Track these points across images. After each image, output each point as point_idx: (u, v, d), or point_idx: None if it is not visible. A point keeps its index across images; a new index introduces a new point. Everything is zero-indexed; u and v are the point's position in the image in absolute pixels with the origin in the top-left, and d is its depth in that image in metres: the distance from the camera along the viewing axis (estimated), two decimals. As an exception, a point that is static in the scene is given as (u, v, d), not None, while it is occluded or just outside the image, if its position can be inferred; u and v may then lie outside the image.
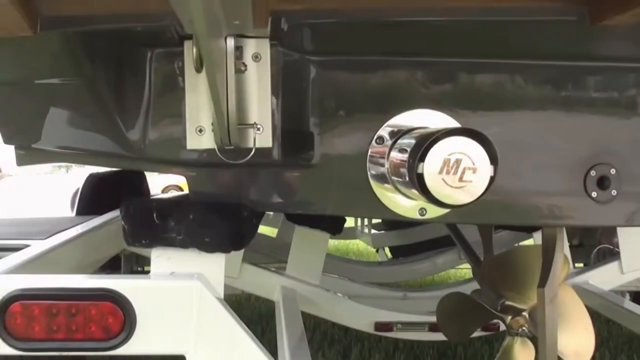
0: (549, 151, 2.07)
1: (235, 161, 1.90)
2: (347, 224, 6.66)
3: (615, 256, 4.08)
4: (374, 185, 2.02)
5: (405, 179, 1.72)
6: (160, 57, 1.98)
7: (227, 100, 1.65)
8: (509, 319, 2.69)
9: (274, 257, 4.91)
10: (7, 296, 1.84)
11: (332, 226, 4.02)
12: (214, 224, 1.98)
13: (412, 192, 1.73)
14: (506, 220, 2.34)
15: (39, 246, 2.67)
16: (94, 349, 1.88)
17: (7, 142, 2.24)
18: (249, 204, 2.05)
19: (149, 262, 2.07)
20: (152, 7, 1.76)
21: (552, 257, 2.31)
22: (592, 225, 3.78)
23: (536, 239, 4.21)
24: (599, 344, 4.82)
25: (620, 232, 4.01)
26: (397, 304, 4.26)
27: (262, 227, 6.63)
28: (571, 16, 1.80)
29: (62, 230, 3.03)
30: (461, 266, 5.66)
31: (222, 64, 1.63)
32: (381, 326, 3.89)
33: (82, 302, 1.86)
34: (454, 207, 1.68)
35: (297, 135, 2.02)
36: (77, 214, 4.53)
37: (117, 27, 1.85)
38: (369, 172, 2.02)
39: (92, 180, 4.83)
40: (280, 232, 5.58)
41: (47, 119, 2.16)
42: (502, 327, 2.78)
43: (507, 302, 2.70)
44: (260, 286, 3.81)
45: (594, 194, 2.05)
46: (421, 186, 1.64)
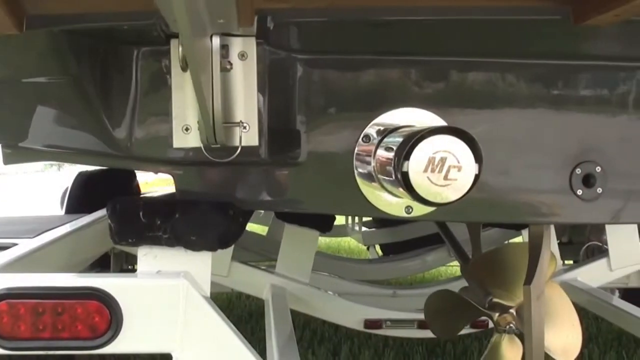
0: (534, 149, 2.07)
1: (221, 160, 1.90)
2: (337, 222, 6.68)
3: (604, 253, 4.09)
4: (361, 183, 2.03)
5: (391, 177, 1.73)
6: (146, 55, 1.98)
7: (212, 98, 1.65)
8: (496, 316, 2.70)
9: (265, 255, 4.91)
10: None
11: (322, 224, 4.01)
12: (200, 222, 1.98)
13: (398, 190, 1.74)
14: (492, 218, 2.35)
15: (27, 245, 2.66)
16: (80, 348, 1.88)
17: (-6, 141, 2.24)
18: (236, 203, 2.05)
19: None
20: (138, 6, 1.76)
21: (539, 254, 2.31)
22: (578, 222, 3.81)
23: (525, 237, 4.21)
24: (588, 341, 4.84)
25: (608, 229, 4.02)
26: (387, 301, 4.26)
27: (253, 225, 6.67)
28: (555, 15, 1.81)
29: (51, 228, 3.03)
30: (451, 264, 5.67)
31: (207, 62, 1.64)
32: (370, 323, 3.88)
33: (68, 301, 1.85)
34: (439, 205, 1.69)
35: (283, 133, 2.02)
36: (66, 212, 4.53)
37: (103, 26, 1.86)
38: (356, 170, 2.02)
39: (81, 178, 4.83)
40: (270, 230, 5.59)
41: (34, 118, 2.16)
42: (492, 324, 2.79)
43: (495, 300, 2.71)
44: (249, 284, 3.81)
45: (580, 192, 2.07)
46: (406, 184, 1.65)
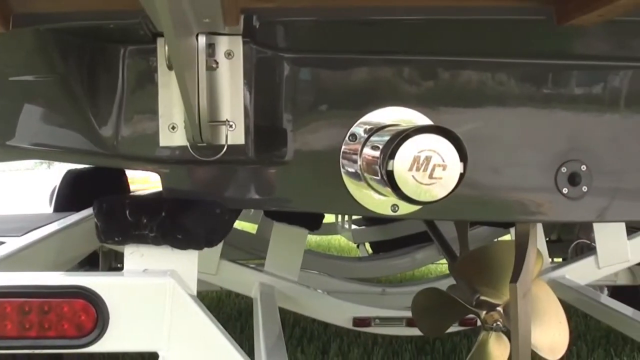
0: (520, 148, 2.08)
1: (207, 158, 1.90)
2: (327, 220, 6.68)
3: (592, 251, 4.10)
4: (347, 181, 2.03)
5: (377, 175, 1.74)
6: (133, 54, 1.98)
7: (198, 97, 1.66)
8: (483, 313, 2.71)
9: (254, 253, 4.91)
10: None
11: (311, 222, 4.02)
12: (186, 221, 1.98)
13: (384, 188, 1.75)
14: (478, 216, 2.37)
15: (14, 243, 2.66)
16: (66, 347, 1.88)
17: (-19, 139, 2.23)
18: (223, 201, 2.05)
19: None
20: (124, 5, 1.76)
21: (525, 252, 2.32)
22: (564, 221, 3.82)
23: (513, 235, 4.22)
24: (576, 338, 4.86)
25: (596, 227, 4.03)
26: (376, 299, 4.27)
27: (242, 223, 6.67)
28: (539, 16, 1.82)
29: (38, 227, 3.02)
30: (441, 262, 5.68)
31: (193, 61, 1.64)
32: (359, 321, 3.89)
33: (55, 300, 1.85)
34: (424, 203, 1.70)
35: (270, 132, 2.03)
36: (54, 210, 4.52)
37: (89, 24, 1.86)
38: (342, 169, 2.03)
39: (69, 176, 4.82)
40: (260, 228, 5.59)
41: (21, 116, 2.15)
42: (480, 322, 2.79)
43: (482, 297, 2.71)
44: (238, 283, 3.81)
45: (565, 190, 2.08)
46: (391, 183, 1.66)
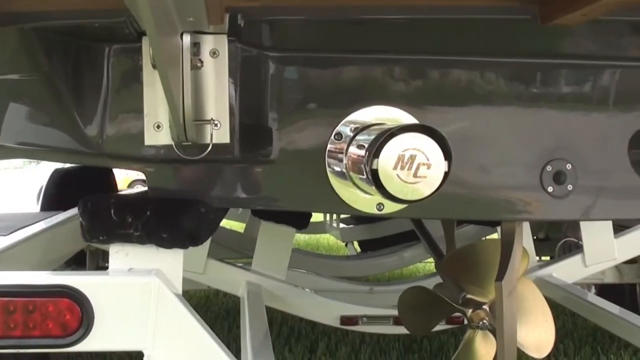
0: (505, 147, 2.09)
1: (192, 157, 1.90)
2: (316, 219, 6.69)
3: (579, 249, 4.12)
4: (333, 180, 2.03)
5: (362, 174, 1.74)
6: (118, 53, 1.98)
7: (182, 96, 1.65)
8: (469, 312, 2.71)
9: (242, 252, 4.90)
10: None
11: (298, 221, 4.02)
12: (171, 220, 1.98)
13: (369, 187, 1.75)
14: (464, 215, 2.37)
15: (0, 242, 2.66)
16: (51, 346, 1.88)
17: (-34, 138, 2.22)
18: (208, 200, 2.05)
19: None
20: (108, 4, 1.76)
21: (511, 251, 2.33)
22: (549, 219, 3.83)
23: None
24: (564, 336, 4.88)
25: (583, 225, 4.04)
26: (363, 297, 4.27)
27: (231, 222, 6.66)
28: (523, 15, 1.83)
29: (24, 226, 3.01)
30: (429, 260, 5.69)
31: (177, 60, 1.63)
32: (347, 320, 3.89)
33: (39, 299, 1.85)
34: (408, 202, 1.70)
35: (255, 131, 2.03)
36: (41, 209, 4.51)
37: (74, 23, 1.85)
38: (328, 168, 2.03)
39: (56, 175, 4.81)
40: (247, 227, 5.58)
41: (6, 115, 2.15)
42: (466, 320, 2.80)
43: (468, 296, 2.72)
44: (225, 282, 3.80)
45: (550, 189, 2.08)
46: (376, 181, 1.66)
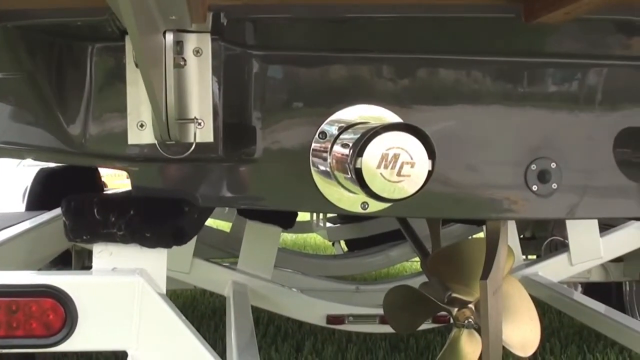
0: (490, 146, 2.09)
1: (176, 156, 1.89)
2: (303, 218, 6.68)
3: (565, 248, 4.13)
4: (317, 179, 2.03)
5: (346, 173, 1.74)
6: (101, 51, 1.97)
7: (165, 95, 1.65)
8: (455, 311, 2.72)
9: (229, 252, 4.89)
10: None
11: (284, 220, 4.02)
12: (155, 219, 1.97)
13: (353, 186, 1.75)
14: (449, 214, 2.37)
15: None
16: (34, 346, 1.87)
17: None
18: (192, 199, 2.04)
19: None
20: (91, 2, 1.75)
21: (496, 249, 2.33)
22: (534, 218, 3.85)
23: (487, 232, 4.23)
24: (550, 335, 4.89)
25: (568, 224, 4.05)
26: (350, 296, 4.27)
27: (218, 222, 6.65)
28: (507, 14, 1.83)
29: (9, 226, 3.00)
30: (416, 259, 5.69)
31: (159, 59, 1.63)
32: (333, 319, 3.89)
33: (23, 299, 1.84)
34: (392, 201, 1.70)
35: (239, 130, 2.02)
36: (26, 209, 4.49)
37: (56, 22, 1.85)
38: (312, 167, 2.02)
39: (41, 175, 4.79)
40: (234, 226, 5.56)
41: None
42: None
43: (454, 295, 2.72)
44: (211, 281, 3.80)
45: (535, 188, 2.08)
46: (360, 180, 1.65)
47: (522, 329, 2.71)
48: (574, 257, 4.05)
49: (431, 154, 1.66)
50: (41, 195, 4.62)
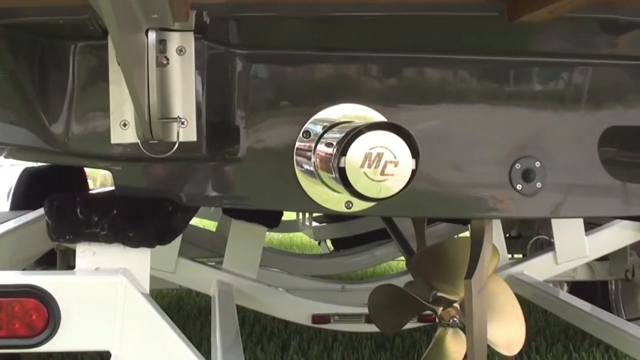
0: (474, 145, 2.09)
1: (159, 155, 1.89)
2: (289, 217, 6.68)
3: (551, 247, 4.15)
4: (301, 178, 2.02)
5: (330, 172, 1.73)
6: (83, 50, 1.96)
7: (147, 94, 1.64)
8: (440, 310, 2.72)
9: (214, 251, 4.88)
10: None
11: (270, 220, 4.02)
12: (138, 218, 1.96)
13: (337, 185, 1.74)
14: (433, 213, 2.37)
15: None
16: (17, 347, 1.86)
17: None
18: (175, 199, 2.03)
19: None
20: (73, 0, 1.74)
21: (481, 248, 2.33)
22: (518, 217, 3.85)
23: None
24: (536, 333, 4.91)
25: (554, 223, 4.07)
26: (335, 296, 4.27)
27: (204, 221, 6.64)
28: (491, 12, 1.83)
29: (-8, 226, 2.98)
30: (402, 258, 5.69)
31: (142, 57, 1.62)
32: (318, 318, 3.89)
33: (5, 299, 1.83)
34: (376, 200, 1.69)
35: (223, 129, 2.01)
36: (11, 209, 4.47)
37: (38, 20, 1.83)
38: (296, 166, 2.02)
39: (26, 175, 4.77)
40: (219, 226, 5.56)
41: None
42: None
43: (439, 294, 2.72)
44: (196, 281, 3.79)
45: (519, 187, 2.08)
46: (344, 180, 1.65)
47: (508, 328, 2.71)
48: (559, 256, 4.07)
49: (415, 153, 1.66)
50: (25, 194, 4.60)
